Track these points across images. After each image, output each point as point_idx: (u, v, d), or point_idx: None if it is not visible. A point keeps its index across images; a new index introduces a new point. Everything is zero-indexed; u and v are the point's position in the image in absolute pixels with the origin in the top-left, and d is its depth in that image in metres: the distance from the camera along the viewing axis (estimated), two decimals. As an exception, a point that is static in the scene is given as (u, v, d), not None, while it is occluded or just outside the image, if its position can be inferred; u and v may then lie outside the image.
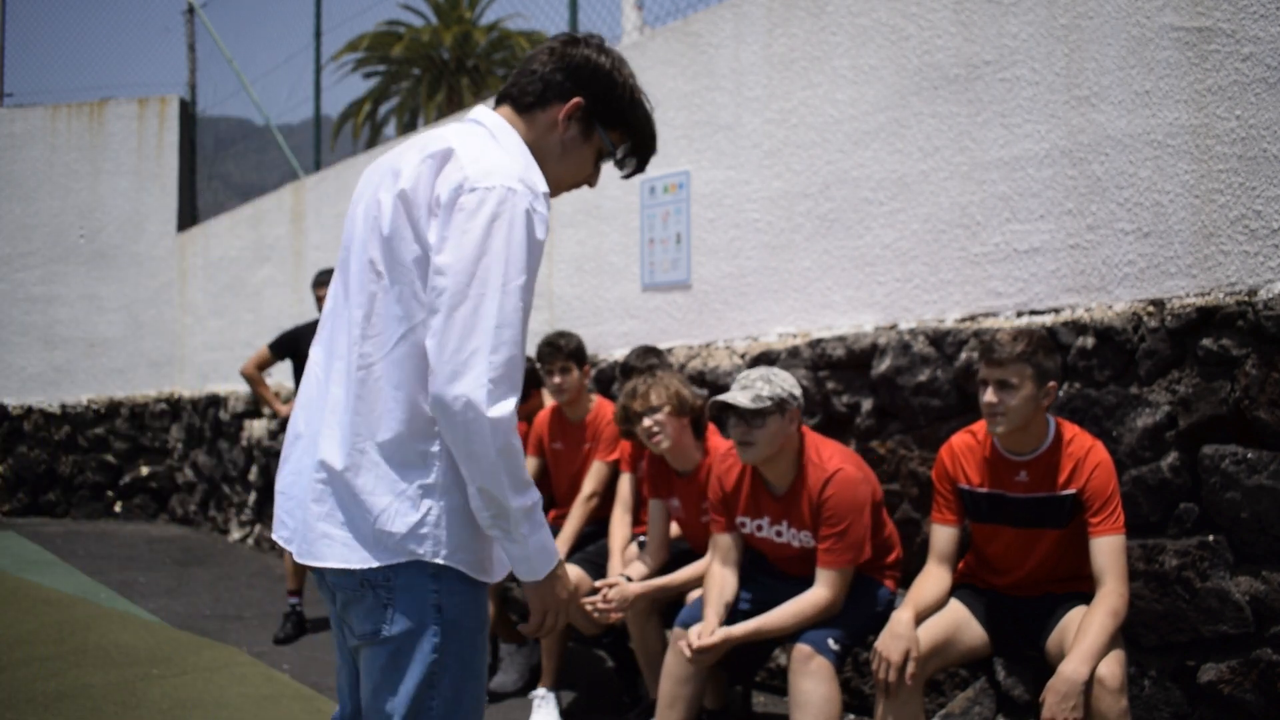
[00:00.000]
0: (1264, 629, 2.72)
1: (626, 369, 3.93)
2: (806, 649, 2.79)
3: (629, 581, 3.30)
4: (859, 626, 2.94)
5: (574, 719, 3.72)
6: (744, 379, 2.96)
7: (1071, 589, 2.71)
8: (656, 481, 3.49)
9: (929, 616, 2.73)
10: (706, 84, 4.57)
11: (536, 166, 1.67)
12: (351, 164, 7.56)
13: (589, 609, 3.25)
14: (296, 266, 7.86)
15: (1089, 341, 3.11)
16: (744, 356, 4.18)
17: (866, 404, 3.72)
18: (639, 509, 3.72)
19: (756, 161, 4.33)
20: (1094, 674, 2.38)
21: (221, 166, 10.43)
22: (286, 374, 6.28)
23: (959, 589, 2.86)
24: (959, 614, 2.77)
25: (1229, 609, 2.76)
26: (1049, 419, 2.72)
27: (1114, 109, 3.20)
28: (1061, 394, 3.12)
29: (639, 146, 1.80)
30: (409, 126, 19.64)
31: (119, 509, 9.39)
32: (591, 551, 3.77)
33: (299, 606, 5.05)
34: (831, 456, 2.95)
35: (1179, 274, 3.04)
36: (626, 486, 3.72)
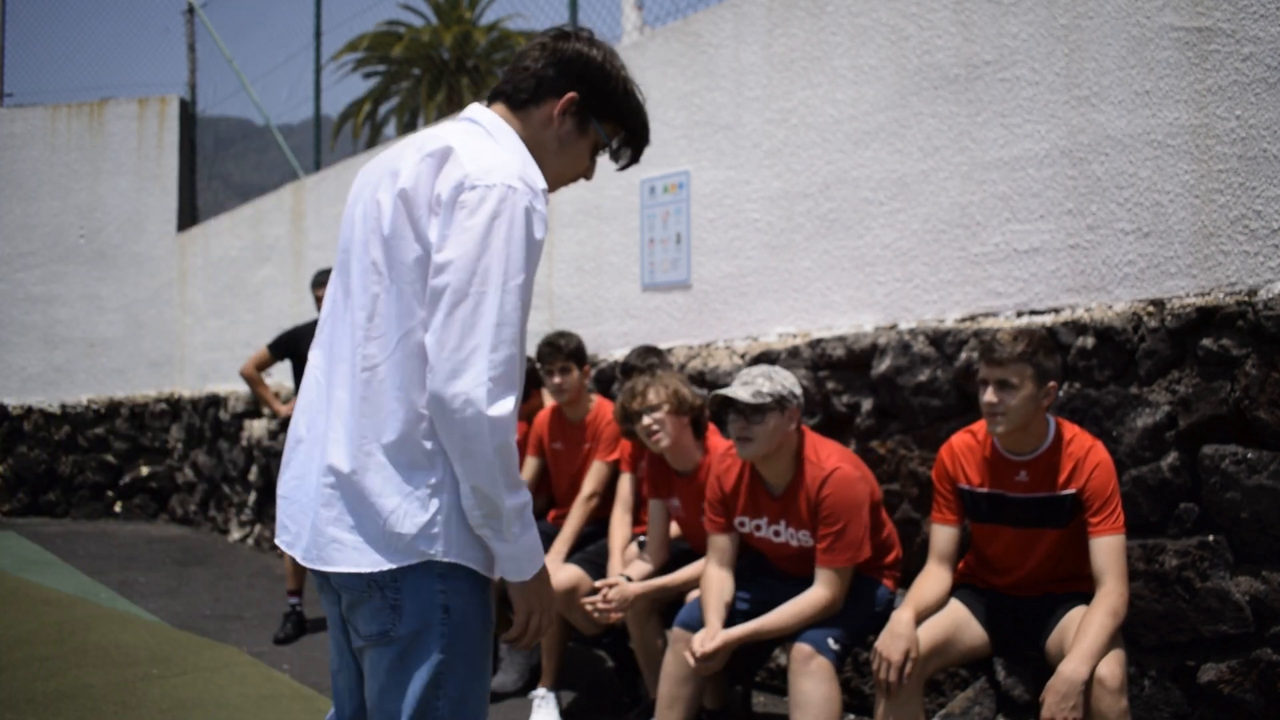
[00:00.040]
0: (1264, 629, 2.72)
1: (626, 369, 3.94)
2: (806, 649, 2.79)
3: (629, 581, 3.30)
4: (859, 626, 2.94)
5: (574, 719, 3.72)
6: (745, 375, 2.96)
7: (1071, 589, 2.71)
8: (656, 481, 3.49)
9: (929, 616, 2.73)
10: (706, 84, 4.57)
11: (534, 163, 1.67)
12: (351, 164, 7.56)
13: (589, 609, 3.25)
14: (296, 266, 7.86)
15: (1089, 341, 3.11)
16: (744, 356, 4.18)
17: (866, 404, 3.72)
18: (639, 509, 3.72)
19: (756, 161, 4.33)
20: (1094, 674, 2.38)
21: (221, 166, 10.42)
22: (286, 374, 6.27)
23: (959, 589, 2.86)
24: (959, 614, 2.77)
25: (1229, 609, 2.76)
26: (1049, 419, 2.72)
27: (1114, 109, 3.20)
28: (1061, 394, 3.12)
29: (633, 137, 1.80)
30: (409, 126, 19.64)
31: (119, 509, 9.39)
32: (591, 551, 3.76)
33: (299, 606, 5.05)
34: (829, 456, 2.95)
35: (1179, 274, 3.04)
36: (626, 486, 3.72)
